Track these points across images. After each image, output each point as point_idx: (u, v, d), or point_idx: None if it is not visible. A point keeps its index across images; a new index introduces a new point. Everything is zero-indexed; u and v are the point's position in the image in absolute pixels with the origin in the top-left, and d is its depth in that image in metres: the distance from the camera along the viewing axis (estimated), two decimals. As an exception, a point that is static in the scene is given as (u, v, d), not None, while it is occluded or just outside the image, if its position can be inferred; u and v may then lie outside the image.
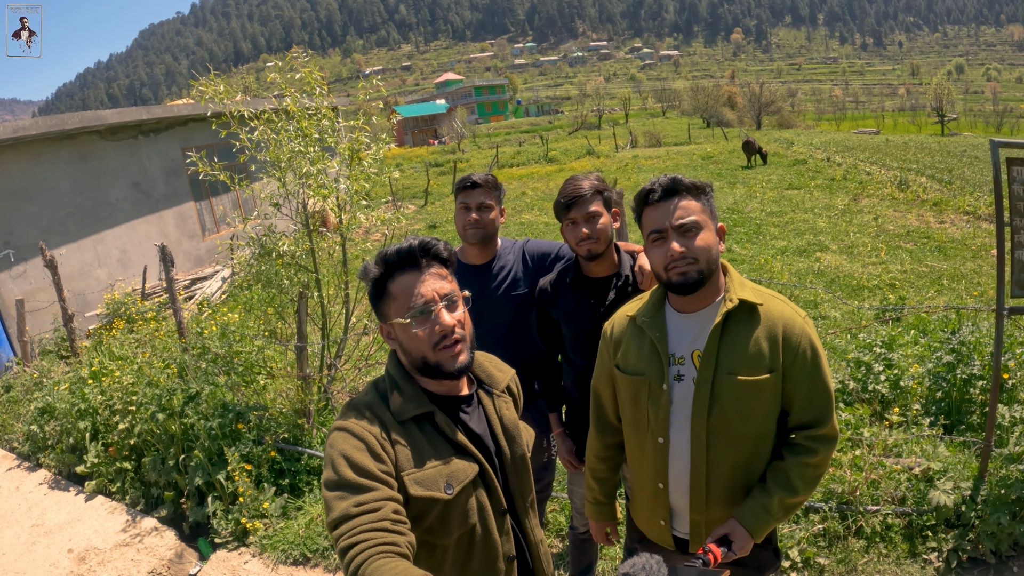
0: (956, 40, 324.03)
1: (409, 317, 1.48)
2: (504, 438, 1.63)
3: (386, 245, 1.59)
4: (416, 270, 1.50)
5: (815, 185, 16.76)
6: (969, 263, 9.17)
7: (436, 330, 1.48)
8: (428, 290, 1.48)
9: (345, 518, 1.29)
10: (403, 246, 1.50)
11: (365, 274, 1.53)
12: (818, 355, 1.74)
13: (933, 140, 35.59)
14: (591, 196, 2.37)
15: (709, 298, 1.80)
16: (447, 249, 1.56)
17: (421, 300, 1.48)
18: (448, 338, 1.49)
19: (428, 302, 1.48)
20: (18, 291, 9.15)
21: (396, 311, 1.50)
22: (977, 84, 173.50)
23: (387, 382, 1.55)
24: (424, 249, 1.51)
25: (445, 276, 1.53)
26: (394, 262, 1.50)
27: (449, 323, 1.48)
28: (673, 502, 1.90)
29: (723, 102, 63.96)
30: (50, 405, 5.64)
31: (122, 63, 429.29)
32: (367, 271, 1.53)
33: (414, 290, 1.48)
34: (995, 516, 3.04)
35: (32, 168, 9.75)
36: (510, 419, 1.66)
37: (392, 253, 1.50)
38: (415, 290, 1.48)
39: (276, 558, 3.91)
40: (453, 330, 1.49)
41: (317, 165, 4.71)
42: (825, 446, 1.76)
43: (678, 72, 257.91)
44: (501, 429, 1.63)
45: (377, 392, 1.54)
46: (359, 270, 1.56)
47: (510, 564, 1.60)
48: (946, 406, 4.15)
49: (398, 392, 1.52)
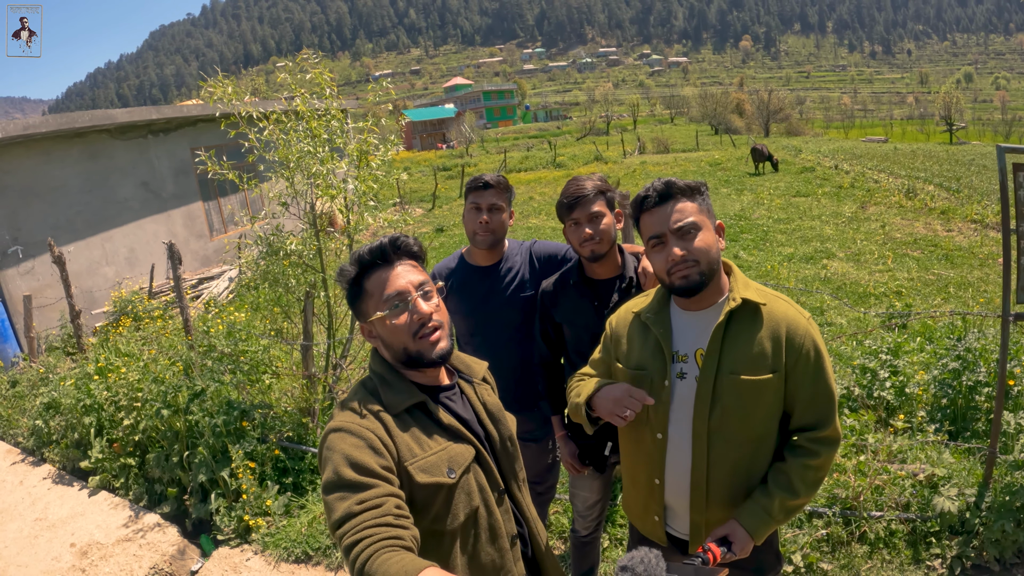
0: (965, 48, 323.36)
1: (387, 310, 1.52)
2: (491, 421, 1.68)
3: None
4: (388, 266, 1.55)
5: (823, 192, 16.72)
6: (976, 271, 9.14)
7: (415, 318, 1.53)
8: (402, 282, 1.54)
9: (348, 516, 1.30)
10: (375, 244, 1.55)
11: (342, 275, 1.58)
12: (821, 356, 1.73)
13: (941, 148, 35.52)
14: (594, 196, 2.35)
15: (713, 297, 1.80)
16: (417, 243, 1.61)
17: (395, 291, 1.52)
18: (426, 326, 1.53)
19: (403, 292, 1.53)
20: (26, 287, 9.20)
21: (374, 306, 1.55)
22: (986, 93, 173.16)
23: (374, 379, 1.58)
24: (395, 245, 1.56)
25: (417, 268, 1.59)
26: (368, 261, 1.55)
27: (426, 310, 1.53)
28: (669, 499, 1.89)
29: (731, 109, 63.90)
30: (55, 400, 5.67)
31: (132, 63, 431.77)
32: (343, 272, 1.58)
33: (388, 283, 1.53)
34: (999, 523, 3.03)
35: (42, 166, 9.81)
36: (493, 404, 1.71)
37: (365, 252, 1.55)
38: (389, 283, 1.53)
39: (278, 556, 3.91)
40: (430, 317, 1.54)
41: (327, 165, 4.72)
42: (827, 448, 1.75)
43: (687, 79, 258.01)
44: (486, 413, 1.68)
45: (366, 390, 1.57)
46: (336, 273, 1.61)
47: (514, 542, 1.64)
48: (951, 413, 4.13)
49: (387, 387, 1.55)
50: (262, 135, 4.73)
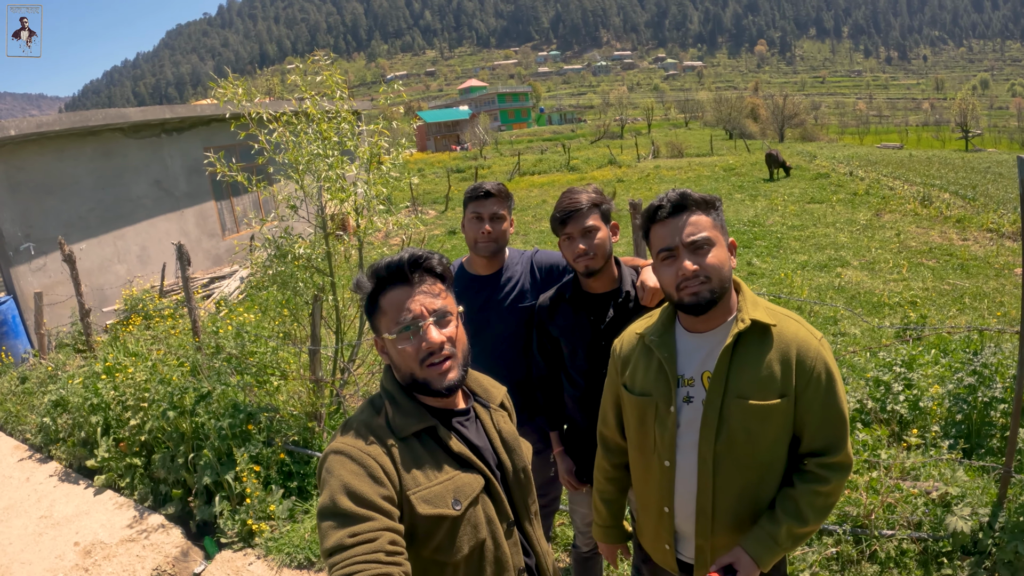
0: (981, 55, 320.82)
1: (395, 333, 1.46)
2: (505, 451, 1.60)
3: (402, 249, 1.56)
4: (407, 285, 1.47)
5: (837, 199, 16.60)
6: (992, 281, 9.03)
7: (423, 347, 1.45)
8: (417, 306, 1.46)
9: (339, 548, 1.26)
10: (394, 260, 1.48)
11: (359, 287, 1.52)
12: (833, 379, 1.66)
13: (957, 156, 35.22)
14: (588, 210, 2.28)
15: (721, 317, 1.73)
16: (441, 263, 1.52)
17: (409, 316, 1.45)
18: (435, 355, 1.46)
19: (416, 318, 1.45)
20: (37, 284, 9.25)
21: (386, 326, 1.48)
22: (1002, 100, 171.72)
23: (384, 397, 1.52)
24: (414, 263, 1.48)
25: (438, 292, 1.50)
26: (384, 276, 1.48)
27: (436, 340, 1.45)
28: (679, 526, 1.83)
29: (746, 114, 63.58)
30: (63, 398, 5.69)
31: (149, 62, 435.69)
32: (360, 285, 1.51)
33: (403, 305, 1.46)
34: (1013, 544, 2.95)
35: (55, 163, 9.86)
36: (509, 432, 1.64)
37: (383, 267, 1.48)
38: (404, 305, 1.46)
39: (280, 561, 3.88)
40: (441, 347, 1.46)
41: (335, 169, 4.70)
42: (837, 475, 1.68)
43: (701, 83, 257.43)
44: (501, 442, 1.60)
45: (374, 409, 1.51)
46: (352, 283, 1.54)
47: (520, 575, 1.57)
48: (966, 429, 4.04)
49: (396, 408, 1.49)
50: (272, 137, 4.72)
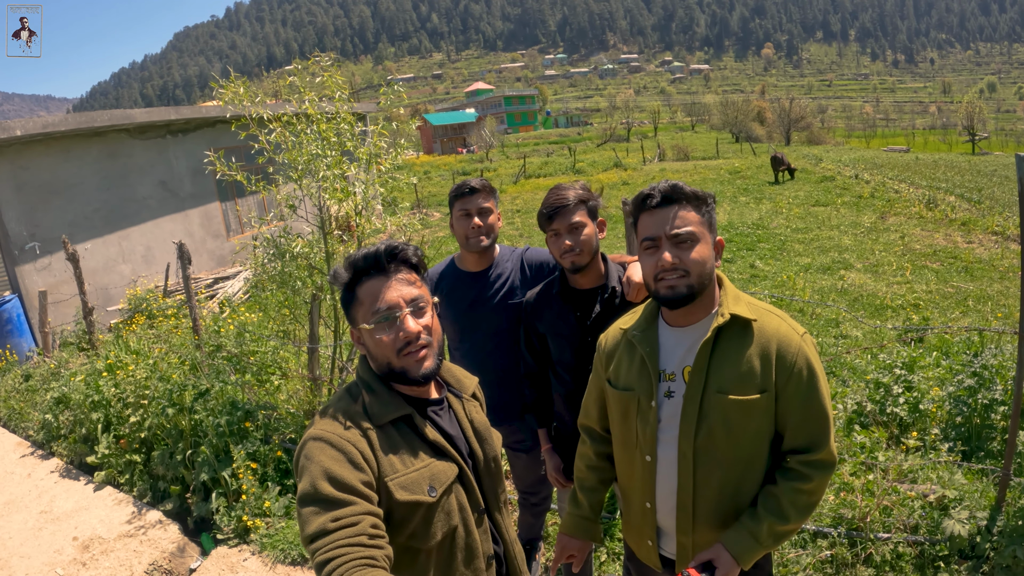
0: (988, 58, 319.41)
1: (373, 322, 1.48)
2: (476, 440, 1.64)
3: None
4: (383, 275, 1.50)
5: (842, 202, 16.56)
6: (996, 284, 8.98)
7: (400, 336, 1.47)
8: (393, 296, 1.48)
9: (322, 533, 1.27)
10: (370, 251, 1.50)
11: (335, 278, 1.53)
12: (815, 375, 1.64)
13: (963, 159, 35.11)
14: (574, 206, 2.28)
15: (702, 312, 1.72)
16: (416, 254, 1.55)
17: (385, 305, 1.47)
18: (412, 344, 1.48)
19: (392, 307, 1.48)
20: (42, 283, 9.30)
21: (363, 316, 1.50)
22: (1009, 103, 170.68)
23: (361, 387, 1.54)
24: (391, 254, 1.50)
25: (414, 281, 1.53)
26: (362, 267, 1.50)
27: (413, 329, 1.48)
28: (660, 522, 1.82)
29: (752, 117, 63.59)
30: (65, 395, 5.73)
31: (156, 64, 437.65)
32: (337, 275, 1.53)
33: (380, 295, 1.48)
34: (1011, 549, 2.93)
35: (61, 163, 9.93)
36: (481, 422, 1.67)
37: (360, 258, 1.50)
38: (381, 295, 1.48)
39: (275, 557, 3.89)
40: (418, 336, 1.48)
41: (334, 170, 4.71)
42: (820, 472, 1.66)
43: (708, 86, 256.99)
44: (473, 431, 1.64)
45: (351, 397, 1.53)
46: (329, 274, 1.56)
47: (490, 563, 1.60)
48: (966, 431, 4.01)
49: (373, 396, 1.51)
50: (271, 137, 4.73)
